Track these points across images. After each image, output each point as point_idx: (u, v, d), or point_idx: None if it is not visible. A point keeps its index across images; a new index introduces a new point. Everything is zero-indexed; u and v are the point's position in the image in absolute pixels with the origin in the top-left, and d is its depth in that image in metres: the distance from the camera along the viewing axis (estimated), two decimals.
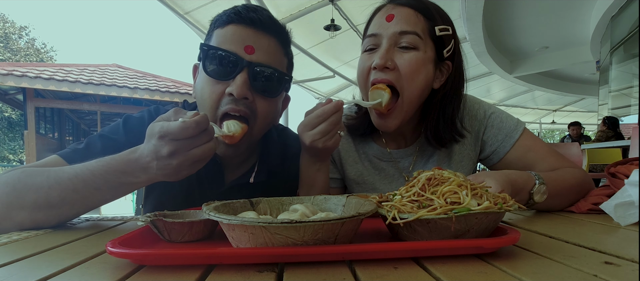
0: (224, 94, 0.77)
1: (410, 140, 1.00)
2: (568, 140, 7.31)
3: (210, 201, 0.55)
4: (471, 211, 0.44)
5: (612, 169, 0.81)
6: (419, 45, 0.83)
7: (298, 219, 0.41)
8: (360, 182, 1.01)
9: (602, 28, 5.93)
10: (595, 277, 0.37)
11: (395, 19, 0.83)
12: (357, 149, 1.02)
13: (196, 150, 0.60)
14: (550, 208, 0.81)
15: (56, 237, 0.59)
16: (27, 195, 0.64)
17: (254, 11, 0.79)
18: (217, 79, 0.78)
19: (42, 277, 0.39)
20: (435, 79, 0.88)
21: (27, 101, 7.43)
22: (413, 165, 1.00)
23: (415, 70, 0.82)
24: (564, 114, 15.10)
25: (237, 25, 0.78)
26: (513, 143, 0.94)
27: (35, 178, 0.65)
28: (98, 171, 0.64)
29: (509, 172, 0.73)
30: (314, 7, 5.21)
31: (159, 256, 0.42)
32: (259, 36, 0.79)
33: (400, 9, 0.84)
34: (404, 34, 0.82)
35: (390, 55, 0.83)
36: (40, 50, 21.66)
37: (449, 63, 0.88)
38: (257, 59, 0.78)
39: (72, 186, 0.64)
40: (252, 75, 0.77)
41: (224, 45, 0.77)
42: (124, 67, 9.13)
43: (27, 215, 0.64)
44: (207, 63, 0.78)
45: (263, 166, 0.91)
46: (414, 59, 0.82)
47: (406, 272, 0.39)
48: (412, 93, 0.84)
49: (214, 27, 0.82)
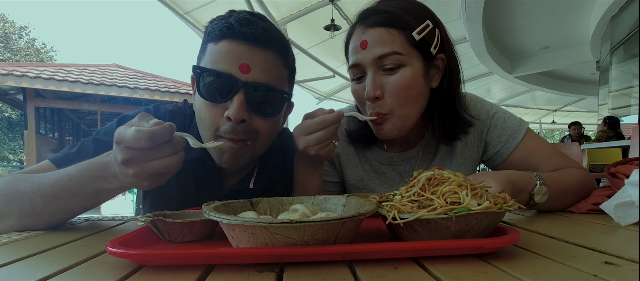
0: (221, 117, 0.74)
1: (412, 143, 0.98)
2: (568, 140, 7.31)
3: (210, 201, 0.55)
4: (471, 211, 0.44)
5: (612, 169, 0.81)
6: (404, 61, 0.80)
7: (298, 219, 0.41)
8: (360, 186, 1.00)
9: (602, 28, 5.93)
10: (595, 277, 0.37)
11: (369, 44, 0.80)
12: (357, 153, 1.01)
13: (155, 162, 0.53)
14: (552, 209, 0.81)
15: (56, 237, 0.59)
16: (14, 202, 0.64)
17: (247, 25, 0.73)
18: (213, 102, 0.74)
19: (42, 277, 0.39)
20: (432, 78, 0.86)
21: (27, 101, 7.43)
22: (415, 168, 0.98)
23: (404, 89, 0.80)
24: (564, 114, 15.10)
25: (231, 41, 0.73)
26: (516, 144, 0.93)
27: (20, 184, 0.65)
28: (75, 176, 0.62)
29: (510, 172, 0.73)
30: (314, 7, 5.22)
31: (159, 256, 0.42)
32: (255, 52, 0.73)
33: (371, 32, 0.81)
34: (383, 58, 0.80)
35: (378, 83, 0.81)
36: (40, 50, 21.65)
37: (441, 56, 0.86)
38: (254, 78, 0.73)
39: (52, 193, 0.63)
40: (248, 96, 0.73)
41: (218, 64, 0.73)
42: (124, 67, 9.12)
43: (16, 221, 0.65)
44: (201, 86, 0.74)
45: (263, 171, 0.89)
46: (401, 79, 0.80)
47: (406, 272, 0.39)
48: (405, 110, 0.83)
49: (207, 41, 0.77)
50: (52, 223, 0.67)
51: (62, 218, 0.67)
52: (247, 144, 0.76)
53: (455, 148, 0.97)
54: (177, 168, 0.55)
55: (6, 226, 0.65)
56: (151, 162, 0.53)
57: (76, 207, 0.65)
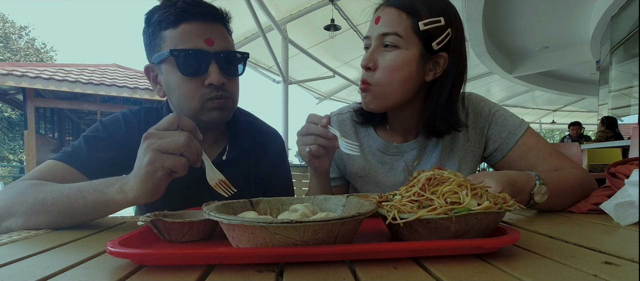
0: (202, 86, 0.86)
1: (415, 134, 1.02)
2: (568, 140, 7.31)
3: (210, 201, 0.55)
4: (471, 211, 0.44)
5: (612, 169, 0.81)
6: (400, 44, 0.86)
7: (298, 220, 0.41)
8: (363, 175, 1.02)
9: (602, 28, 5.93)
10: (595, 277, 0.37)
11: (381, 20, 0.88)
12: (361, 143, 1.04)
13: (169, 158, 0.62)
14: (552, 209, 0.81)
15: (56, 237, 0.59)
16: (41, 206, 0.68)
17: (198, 6, 0.85)
18: (193, 76, 0.85)
19: (42, 277, 0.39)
20: (427, 72, 0.89)
21: (27, 101, 7.43)
22: (418, 158, 1.01)
23: (392, 69, 0.86)
24: (564, 114, 15.10)
25: (190, 23, 0.84)
26: (516, 141, 0.95)
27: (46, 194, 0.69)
28: (84, 185, 0.68)
29: (509, 172, 0.73)
30: (314, 7, 5.22)
31: (159, 256, 0.42)
32: (211, 27, 0.86)
33: (386, 10, 0.88)
34: (386, 35, 0.86)
35: (375, 56, 0.88)
36: (40, 50, 21.64)
37: (444, 54, 0.88)
38: (218, 47, 0.86)
39: (66, 194, 0.68)
40: (220, 63, 0.86)
41: (188, 44, 0.83)
42: (124, 67, 9.11)
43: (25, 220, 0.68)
44: (181, 64, 0.84)
45: (234, 144, 0.99)
46: (393, 59, 0.86)
47: (406, 272, 0.39)
48: (389, 86, 0.88)
49: (160, 29, 0.85)
50: (56, 223, 0.68)
51: (64, 219, 0.68)
52: (227, 98, 0.89)
53: (457, 141, 1.00)
54: (183, 170, 0.63)
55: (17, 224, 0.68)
56: (167, 156, 0.61)
57: (79, 209, 0.67)
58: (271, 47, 4.97)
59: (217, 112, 0.89)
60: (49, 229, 0.66)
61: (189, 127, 0.65)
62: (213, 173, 0.70)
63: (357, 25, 5.75)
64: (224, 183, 0.71)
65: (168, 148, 0.61)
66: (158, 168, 0.61)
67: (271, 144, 1.05)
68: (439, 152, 0.99)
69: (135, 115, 0.97)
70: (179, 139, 0.61)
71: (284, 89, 5.70)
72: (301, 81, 7.07)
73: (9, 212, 0.68)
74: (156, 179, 0.61)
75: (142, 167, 0.61)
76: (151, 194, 0.63)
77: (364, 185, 1.03)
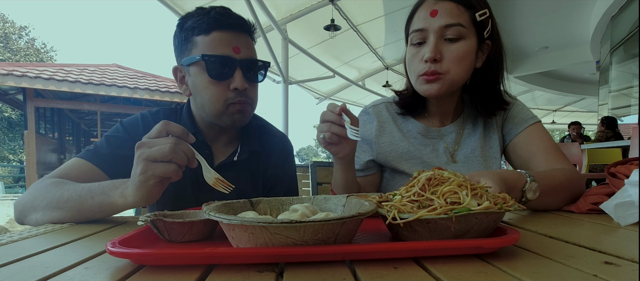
0: (227, 90, 0.94)
1: (452, 118, 1.10)
2: (568, 140, 7.30)
3: (210, 201, 0.55)
4: (471, 211, 0.44)
5: (612, 169, 0.81)
6: (464, 35, 0.92)
7: (298, 219, 0.41)
8: (409, 158, 1.07)
9: (602, 28, 5.92)
10: (595, 277, 0.37)
11: (439, 13, 0.92)
12: (401, 129, 1.10)
13: (159, 166, 0.65)
14: (545, 207, 0.82)
15: (56, 237, 0.59)
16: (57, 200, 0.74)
17: (229, 17, 0.94)
18: (220, 80, 0.93)
19: (42, 277, 0.39)
20: (477, 59, 0.97)
21: (27, 101, 7.43)
22: (457, 141, 1.08)
23: (461, 58, 0.92)
24: (564, 114, 15.09)
25: (220, 31, 0.92)
26: (525, 127, 1.03)
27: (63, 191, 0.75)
28: (93, 186, 0.73)
29: (500, 171, 0.75)
30: (314, 7, 5.21)
31: (159, 256, 0.42)
32: (239, 37, 0.94)
33: (443, 4, 0.93)
34: (449, 27, 0.91)
35: (439, 48, 0.92)
36: (40, 50, 21.65)
37: (488, 42, 0.97)
38: (244, 56, 0.94)
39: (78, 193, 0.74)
40: (244, 70, 0.94)
41: (217, 50, 0.91)
42: (124, 67, 9.12)
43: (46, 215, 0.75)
44: (210, 68, 0.92)
45: (245, 146, 1.06)
46: (461, 49, 0.92)
47: (406, 272, 0.39)
48: (457, 75, 0.94)
49: (192, 35, 0.93)
50: (68, 218, 0.74)
51: (75, 216, 0.73)
52: (248, 104, 0.97)
53: (491, 125, 1.08)
54: (175, 175, 0.66)
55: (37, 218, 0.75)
56: (157, 164, 0.64)
57: (87, 208, 0.72)
58: (271, 47, 4.97)
59: (238, 115, 0.97)
60: (69, 224, 0.72)
61: (177, 133, 0.67)
62: (209, 172, 0.72)
63: (357, 26, 5.74)
64: (221, 181, 0.72)
65: (156, 157, 0.64)
66: (149, 176, 0.64)
67: (279, 147, 1.12)
68: (478, 135, 1.07)
69: (154, 116, 1.03)
70: (164, 148, 0.64)
71: (284, 89, 5.71)
72: (301, 81, 7.07)
73: (32, 205, 0.75)
74: (149, 186, 0.65)
75: (136, 176, 0.65)
76: (147, 200, 0.67)
77: (411, 167, 1.07)
